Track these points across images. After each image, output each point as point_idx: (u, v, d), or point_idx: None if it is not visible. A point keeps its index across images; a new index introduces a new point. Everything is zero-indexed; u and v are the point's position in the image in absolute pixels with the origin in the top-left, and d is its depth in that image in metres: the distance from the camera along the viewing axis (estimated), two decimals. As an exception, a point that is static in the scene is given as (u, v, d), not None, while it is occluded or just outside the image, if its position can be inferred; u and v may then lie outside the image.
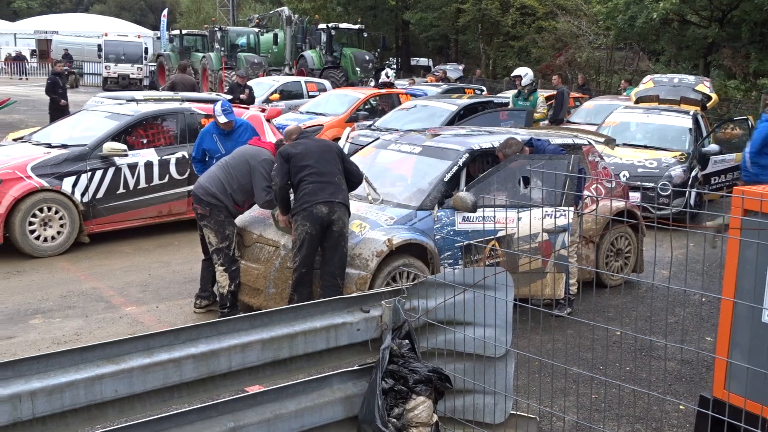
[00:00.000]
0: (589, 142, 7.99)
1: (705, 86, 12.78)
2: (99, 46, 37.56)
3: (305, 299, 5.84)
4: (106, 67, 36.30)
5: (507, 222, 6.42)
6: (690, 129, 11.53)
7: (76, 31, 47.50)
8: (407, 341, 3.75)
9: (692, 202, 10.64)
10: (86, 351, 3.05)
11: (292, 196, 6.15)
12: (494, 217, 6.46)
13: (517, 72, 12.39)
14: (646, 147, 11.42)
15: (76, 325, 6.42)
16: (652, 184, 10.41)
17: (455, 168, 6.75)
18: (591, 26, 26.51)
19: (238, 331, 3.46)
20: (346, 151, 10.11)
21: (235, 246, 6.41)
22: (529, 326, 5.73)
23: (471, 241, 6.34)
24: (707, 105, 12.58)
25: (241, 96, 14.85)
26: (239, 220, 6.63)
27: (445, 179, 6.67)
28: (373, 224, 6.27)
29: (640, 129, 12.05)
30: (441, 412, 3.91)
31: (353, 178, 6.27)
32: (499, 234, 6.52)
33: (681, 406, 5.12)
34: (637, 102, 12.92)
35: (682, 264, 8.31)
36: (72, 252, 8.45)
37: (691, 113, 11.84)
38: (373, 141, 8.18)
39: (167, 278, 7.72)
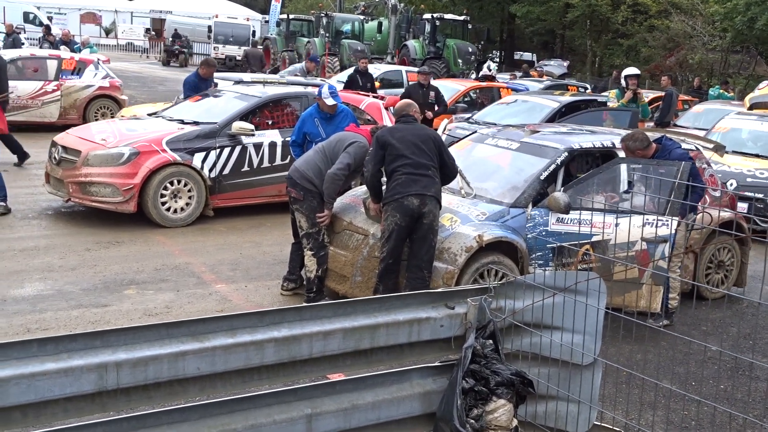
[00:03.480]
0: (696, 147, 7.64)
1: (828, 95, 12.06)
2: (209, 27, 38.66)
3: (390, 290, 5.81)
4: (214, 48, 37.29)
5: (603, 227, 6.20)
6: (808, 139, 10.89)
7: (189, 11, 48.92)
8: (491, 341, 3.66)
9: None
10: (172, 327, 3.10)
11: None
12: (590, 220, 6.25)
13: (632, 71, 11.93)
14: (758, 156, 10.85)
15: (168, 298, 6.59)
16: (761, 195, 9.89)
17: (553, 166, 6.56)
18: (706, 27, 25.40)
19: (320, 318, 3.44)
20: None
21: (324, 232, 6.43)
22: (620, 335, 5.53)
23: (563, 244, 6.15)
24: (830, 115, 11.85)
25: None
26: (330, 206, 6.66)
27: (542, 177, 6.50)
28: (464, 219, 6.16)
29: (752, 137, 11.45)
30: (521, 417, 3.80)
31: (448, 171, 6.16)
32: (594, 239, 6.31)
33: (779, 433, 4.83)
34: (750, 108, 12.30)
35: (790, 282, 7.86)
36: (169, 228, 8.70)
37: (810, 123, 11.18)
38: (471, 134, 8.06)
39: (257, 258, 7.85)
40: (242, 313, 3.30)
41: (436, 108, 12.62)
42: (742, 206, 9.81)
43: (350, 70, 17.45)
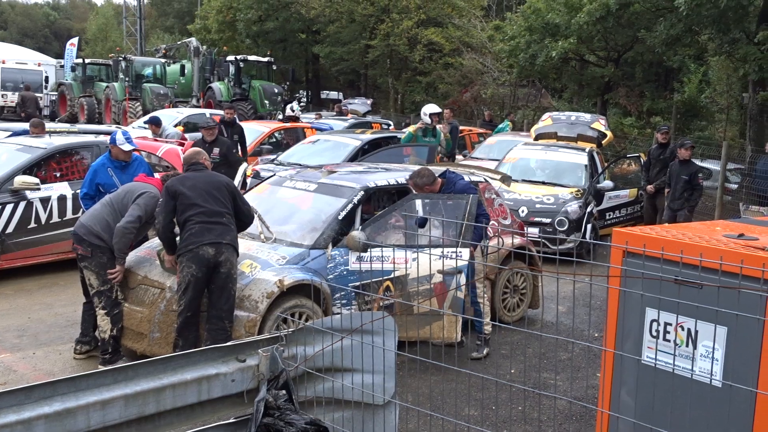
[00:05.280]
0: (485, 179, 8.06)
1: (600, 124, 13.21)
2: (-6, 73, 36.08)
3: (192, 344, 5.60)
4: (2, 96, 34.85)
5: (401, 262, 6.35)
6: (585, 165, 11.84)
7: (-30, 57, 45.51)
8: (284, 392, 3.60)
9: (588, 236, 10.87)
10: None
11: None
12: (389, 257, 6.39)
13: (433, 109, 12.22)
14: (544, 183, 11.65)
15: (-58, 375, 5.97)
16: (548, 220, 10.61)
17: (350, 206, 6.66)
18: (495, 63, 27.15)
19: (99, 386, 3.22)
20: (248, 185, 9.99)
21: (117, 288, 6.11)
22: (427, 368, 5.65)
23: (364, 281, 6.23)
24: (603, 142, 12.98)
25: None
26: (123, 261, 6.34)
27: (340, 217, 6.57)
28: (264, 264, 6.09)
29: (539, 165, 12.30)
30: (322, 464, 3.75)
31: (244, 218, 6.08)
32: (394, 274, 6.44)
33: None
34: (536, 139, 13.21)
35: (578, 299, 8.44)
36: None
37: (587, 150, 12.18)
38: (269, 177, 8.03)
39: (48, 321, 7.31)
40: (5, 390, 3.02)
41: (240, 151, 12.49)
42: (533, 231, 10.47)
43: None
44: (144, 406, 3.31)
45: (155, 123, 12.81)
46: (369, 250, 6.23)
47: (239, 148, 12.64)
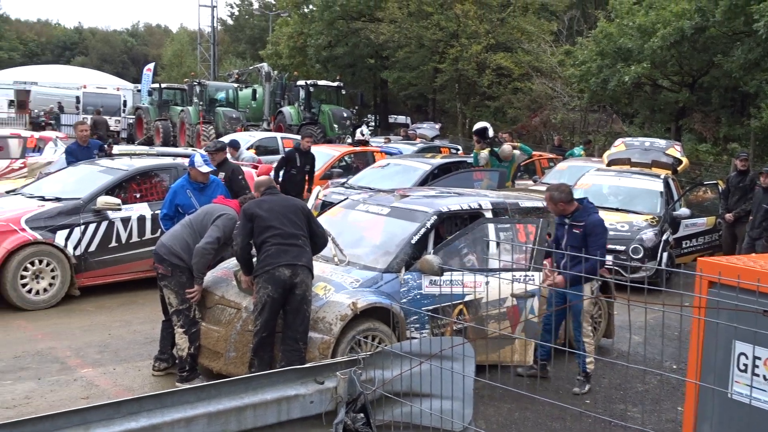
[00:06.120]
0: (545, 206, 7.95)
1: (676, 150, 12.91)
2: (77, 97, 37.56)
3: (266, 364, 5.68)
4: (83, 120, 36.16)
5: (474, 286, 6.32)
6: (661, 192, 11.58)
7: (56, 82, 47.48)
8: (362, 415, 3.61)
9: (664, 265, 10.61)
10: (16, 426, 2.88)
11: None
12: (462, 281, 6.36)
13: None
14: (617, 210, 11.43)
15: (28, 387, 6.17)
16: (623, 247, 10.40)
17: (423, 230, 6.66)
18: (565, 88, 26.91)
19: (183, 404, 3.30)
20: (318, 208, 10.11)
21: (195, 307, 6.23)
22: (498, 394, 5.59)
23: (437, 305, 6.21)
24: (678, 169, 12.68)
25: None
26: (201, 281, 6.48)
27: (413, 241, 6.58)
28: (338, 287, 6.13)
29: (612, 191, 12.09)
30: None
31: (318, 240, 6.16)
32: (467, 298, 6.41)
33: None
34: (609, 164, 13.00)
35: (654, 329, 8.24)
36: (31, 310, 8.22)
37: (662, 177, 11.92)
38: (342, 201, 8.11)
39: (127, 338, 7.50)
40: (96, 405, 3.11)
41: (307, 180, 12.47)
42: (607, 259, 10.27)
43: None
44: (226, 425, 3.37)
45: (234, 146, 13.12)
46: (443, 273, 6.22)
47: (307, 177, 12.49)
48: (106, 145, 11.77)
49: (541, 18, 32.92)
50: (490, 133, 12.68)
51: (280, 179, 12.06)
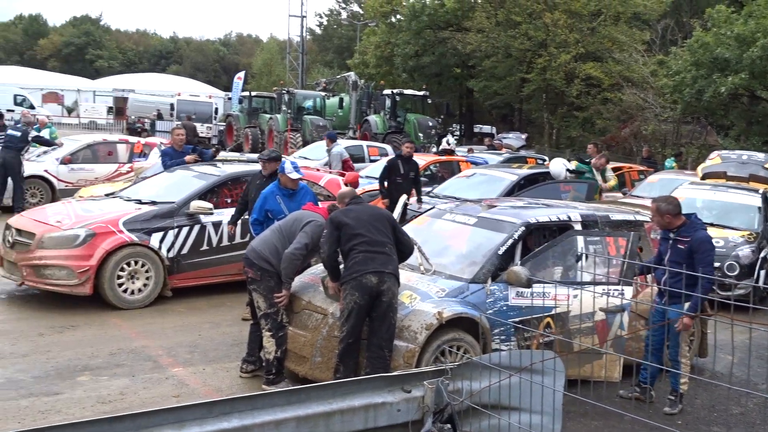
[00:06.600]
0: (651, 219, 7.74)
1: (776, 164, 12.39)
2: (171, 105, 38.89)
3: (351, 370, 5.72)
4: (177, 125, 37.36)
5: (564, 299, 6.21)
6: (759, 208, 11.12)
7: (151, 90, 49.30)
8: (449, 425, 3.59)
9: (762, 283, 10.19)
10: (116, 421, 2.99)
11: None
12: (550, 293, 6.26)
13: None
14: (712, 225, 11.00)
15: (122, 384, 6.40)
16: (718, 264, 10.02)
17: (510, 241, 6.60)
18: (657, 99, 26.21)
19: (273, 406, 3.35)
20: (406, 216, 10.14)
21: (283, 312, 6.34)
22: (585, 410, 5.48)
23: (524, 317, 6.13)
24: (778, 184, 12.16)
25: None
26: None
27: (500, 252, 6.52)
28: (423, 296, 6.13)
29: (707, 206, 11.66)
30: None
31: (404, 248, 6.18)
32: (555, 311, 6.31)
33: None
34: (703, 178, 12.57)
35: (749, 350, 7.90)
36: (126, 309, 8.53)
37: (761, 191, 11.44)
38: (429, 209, 8.11)
39: (216, 339, 7.69)
40: (191, 404, 3.20)
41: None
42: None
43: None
44: (314, 429, 3.41)
45: (331, 138, 15.92)
46: (531, 285, 6.14)
47: (415, 184, 12.06)
48: (212, 150, 12.34)
49: (633, 27, 32.18)
50: None
51: (385, 188, 12.01)
